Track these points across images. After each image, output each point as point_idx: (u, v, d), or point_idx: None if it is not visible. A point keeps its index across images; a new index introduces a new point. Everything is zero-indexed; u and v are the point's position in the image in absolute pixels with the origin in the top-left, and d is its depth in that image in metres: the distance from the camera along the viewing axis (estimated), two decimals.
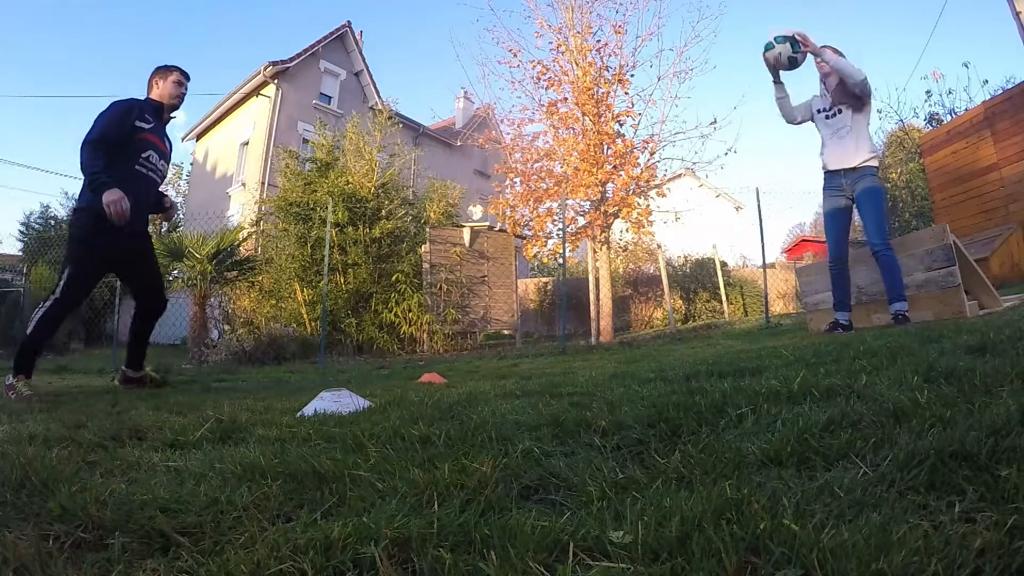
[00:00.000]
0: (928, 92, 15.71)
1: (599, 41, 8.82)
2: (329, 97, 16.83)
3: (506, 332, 9.97)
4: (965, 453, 0.81)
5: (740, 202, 19.65)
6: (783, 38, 3.40)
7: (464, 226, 9.32)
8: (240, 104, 16.41)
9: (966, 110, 9.05)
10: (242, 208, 13.22)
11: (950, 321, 2.88)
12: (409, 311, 8.57)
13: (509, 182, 9.42)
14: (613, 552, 0.67)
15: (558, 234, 8.61)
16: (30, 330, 2.88)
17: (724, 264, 12.04)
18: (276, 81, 15.25)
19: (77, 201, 2.96)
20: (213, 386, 3.46)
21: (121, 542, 0.76)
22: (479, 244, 9.29)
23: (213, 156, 18.23)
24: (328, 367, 5.77)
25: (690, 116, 56.70)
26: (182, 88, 3.18)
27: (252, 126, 15.76)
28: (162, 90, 3.14)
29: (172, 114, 3.24)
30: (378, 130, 10.02)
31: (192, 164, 20.64)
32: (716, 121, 8.63)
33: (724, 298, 11.16)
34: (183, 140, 19.73)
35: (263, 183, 13.30)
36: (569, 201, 8.57)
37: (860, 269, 3.70)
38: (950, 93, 14.57)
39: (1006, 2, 8.38)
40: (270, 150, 14.31)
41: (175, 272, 7.98)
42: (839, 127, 3.50)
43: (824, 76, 3.59)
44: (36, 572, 0.69)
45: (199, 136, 19.13)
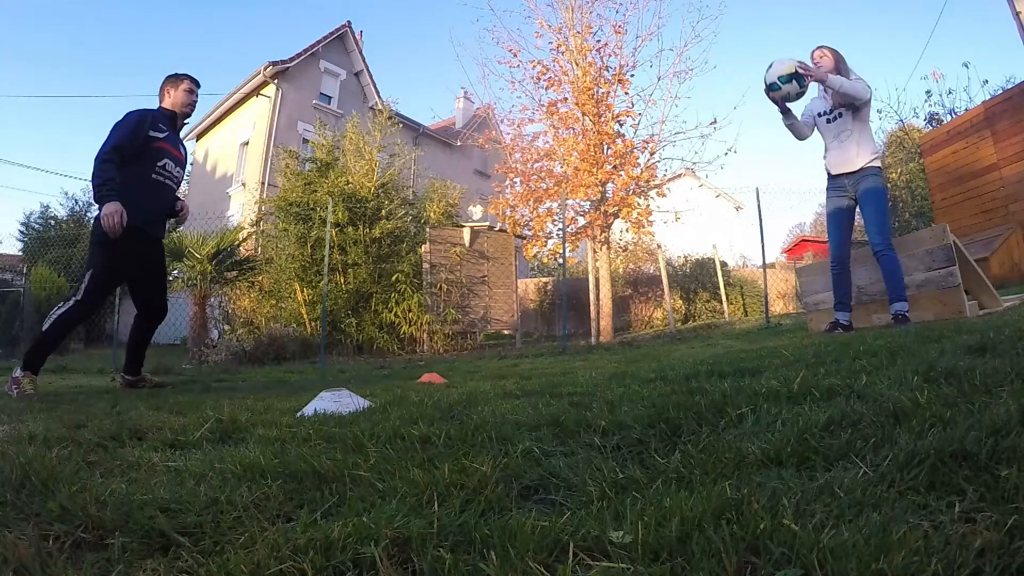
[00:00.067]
0: (928, 92, 15.76)
1: (599, 41, 8.84)
2: (329, 97, 16.83)
3: (506, 332, 9.97)
4: (965, 453, 0.81)
5: (740, 202, 19.66)
6: (788, 77, 3.32)
7: (464, 226, 9.32)
8: (240, 104, 16.41)
9: (966, 110, 9.05)
10: (242, 208, 13.20)
11: (950, 321, 2.89)
12: (409, 311, 8.57)
13: (509, 182, 9.42)
14: (613, 552, 0.67)
15: (558, 234, 8.62)
16: (47, 327, 2.91)
17: (724, 264, 12.04)
18: (276, 81, 15.24)
19: (99, 209, 3.01)
20: (213, 386, 3.46)
21: (121, 542, 0.76)
22: (479, 244, 9.29)
23: (213, 156, 18.23)
24: (328, 367, 5.77)
25: (690, 116, 56.93)
26: (193, 96, 3.25)
27: (252, 126, 15.76)
28: (174, 99, 3.20)
29: (185, 121, 3.30)
30: (378, 130, 10.02)
31: (192, 164, 20.60)
32: (716, 121, 8.66)
33: (724, 298, 11.16)
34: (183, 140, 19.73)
35: (263, 183, 13.28)
36: (569, 201, 8.58)
37: (860, 269, 3.70)
38: (950, 93, 14.60)
39: (1006, 2, 8.38)
40: (270, 150, 14.31)
41: (175, 272, 7.96)
42: (840, 130, 3.50)
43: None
44: (36, 572, 0.69)
45: (199, 136, 19.12)
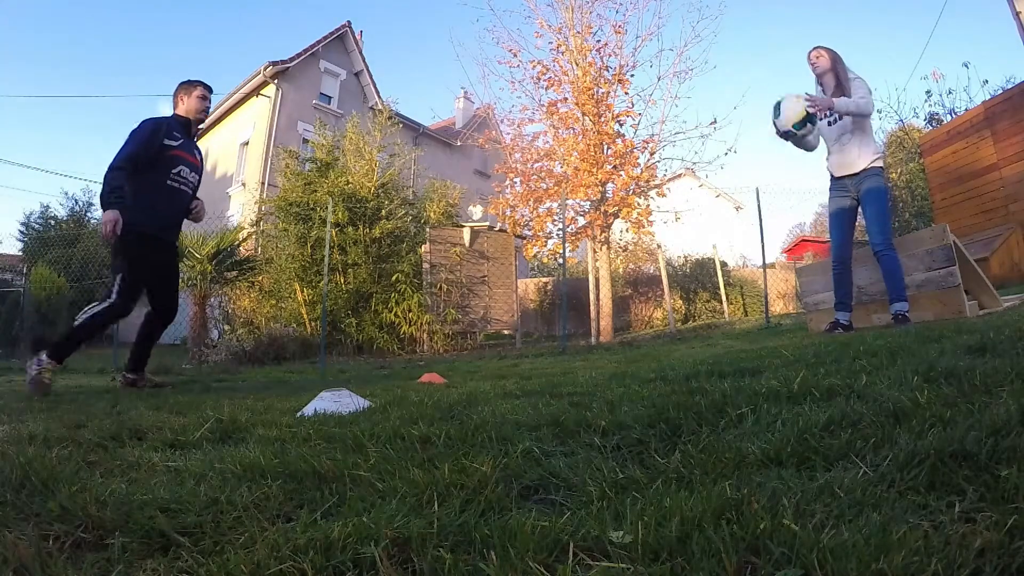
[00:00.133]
0: (928, 92, 15.74)
1: (599, 41, 8.84)
2: (329, 97, 16.83)
3: (506, 332, 9.97)
4: (965, 453, 0.81)
5: (740, 202, 19.65)
6: (802, 122, 3.36)
7: (464, 226, 9.32)
8: (240, 104, 16.41)
9: (966, 110, 9.04)
10: (242, 208, 13.19)
11: (950, 321, 2.88)
12: (409, 311, 8.57)
13: (509, 182, 9.42)
14: (613, 552, 0.67)
15: (558, 234, 8.62)
16: (79, 323, 2.97)
17: (724, 264, 12.03)
18: (276, 81, 15.24)
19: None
20: (213, 386, 3.46)
21: (121, 542, 0.76)
22: (479, 244, 9.29)
23: (213, 156, 18.20)
24: (328, 367, 5.77)
25: (690, 116, 56.95)
26: (206, 102, 3.32)
27: (252, 126, 15.76)
28: (187, 106, 3.26)
29: (199, 127, 3.37)
30: (378, 130, 10.02)
31: None
32: (716, 121, 8.66)
33: (724, 298, 11.15)
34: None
35: (263, 183, 13.27)
36: (569, 201, 8.58)
37: (861, 269, 3.69)
38: (950, 93, 14.58)
39: (1006, 2, 8.38)
40: (270, 150, 14.30)
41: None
42: (841, 133, 3.50)
43: (819, 77, 3.58)
44: (36, 572, 0.69)
45: (199, 136, 19.13)
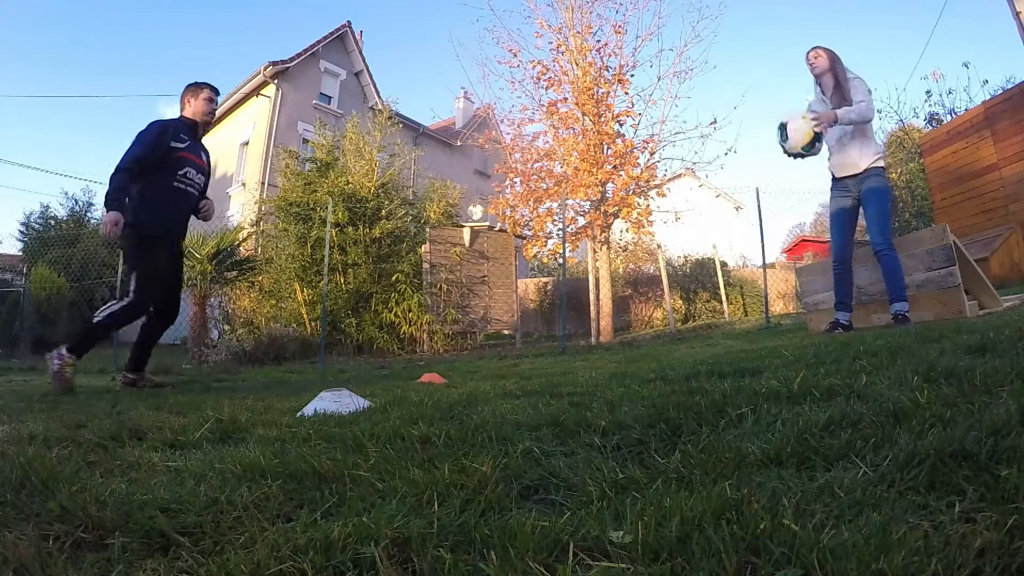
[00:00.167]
0: (928, 92, 15.71)
1: (599, 41, 8.84)
2: (329, 97, 16.83)
3: (506, 332, 9.97)
4: (965, 453, 0.81)
5: (740, 202, 19.65)
6: (810, 144, 3.39)
7: (464, 226, 9.32)
8: (240, 104, 16.40)
9: (966, 110, 9.04)
10: (242, 208, 13.19)
11: (950, 321, 2.88)
12: (409, 311, 8.57)
13: (509, 182, 9.42)
14: (613, 552, 0.67)
15: (558, 234, 8.62)
16: (99, 320, 3.01)
17: (724, 264, 12.03)
18: (276, 81, 15.24)
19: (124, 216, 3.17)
20: (213, 386, 3.46)
21: (121, 542, 0.76)
22: (479, 244, 9.29)
23: (213, 156, 17.84)
24: (328, 367, 5.77)
25: (690, 116, 56.93)
26: (213, 104, 3.35)
27: (252, 126, 15.76)
28: (194, 108, 3.29)
29: (207, 129, 3.40)
30: (378, 130, 10.02)
31: None
32: (716, 121, 8.66)
33: (724, 298, 11.15)
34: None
35: (263, 183, 13.27)
36: (569, 201, 8.58)
37: (861, 269, 3.69)
38: (950, 93, 14.55)
39: (1006, 2, 8.38)
40: (270, 150, 14.30)
41: None
42: (842, 134, 3.49)
43: (818, 77, 3.57)
44: (36, 572, 0.69)
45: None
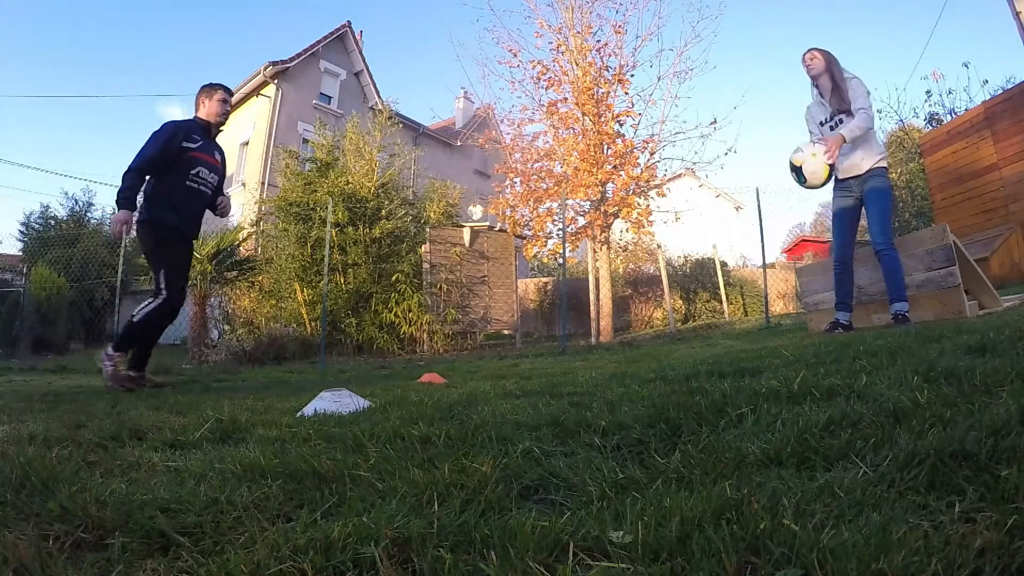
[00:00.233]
0: (928, 92, 15.72)
1: (599, 41, 8.84)
2: (329, 97, 16.83)
3: (506, 332, 9.97)
4: (965, 453, 0.81)
5: (740, 202, 19.65)
6: (827, 178, 3.39)
7: (464, 226, 9.32)
8: (240, 104, 16.35)
9: (966, 110, 9.04)
10: (242, 208, 13.18)
11: (950, 321, 2.88)
12: (409, 311, 8.57)
13: (509, 182, 9.42)
14: (613, 552, 0.67)
15: (558, 234, 8.62)
16: (137, 318, 3.10)
17: (724, 264, 12.03)
18: (276, 81, 15.25)
19: (139, 215, 3.21)
20: (213, 386, 3.46)
21: (121, 542, 0.76)
22: (479, 244, 9.29)
23: None
24: (328, 367, 5.77)
25: (690, 116, 56.97)
26: (227, 106, 3.40)
27: (252, 126, 15.76)
28: (208, 109, 3.34)
29: (220, 129, 3.45)
30: (378, 130, 10.02)
31: None
32: (716, 121, 8.66)
33: (724, 298, 11.15)
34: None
35: (263, 183, 13.28)
36: (569, 201, 8.58)
37: (861, 269, 3.69)
38: (950, 93, 14.56)
39: (1006, 2, 8.38)
40: (270, 150, 14.31)
41: None
42: None
43: (815, 79, 3.56)
44: (36, 572, 0.69)
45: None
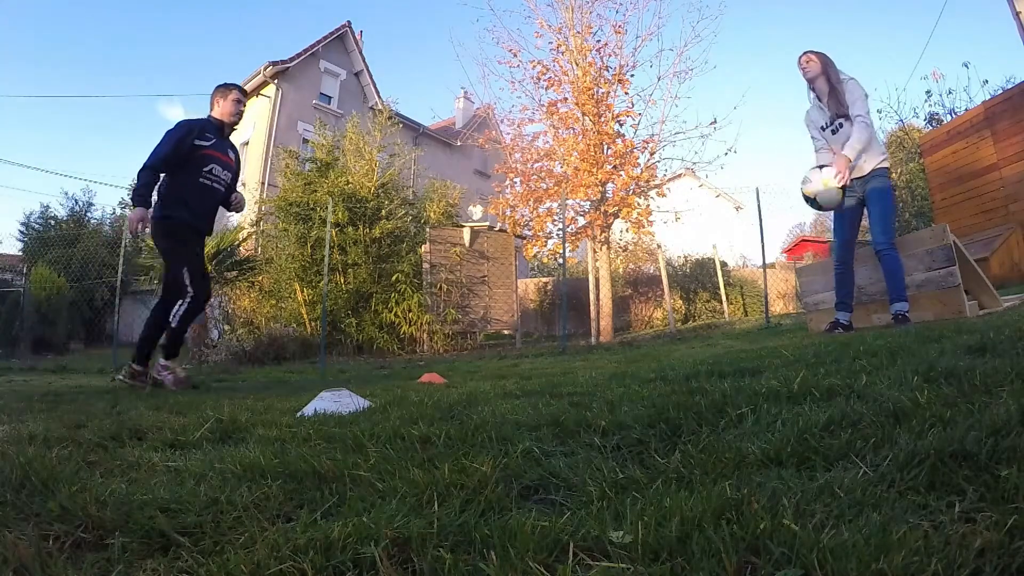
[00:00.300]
0: (928, 92, 15.74)
1: (599, 41, 8.84)
2: (329, 97, 16.83)
3: (506, 332, 9.97)
4: (965, 453, 0.81)
5: (740, 202, 19.65)
6: (842, 200, 3.40)
7: (464, 226, 9.32)
8: None
9: (966, 110, 9.04)
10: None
11: (950, 321, 2.88)
12: (409, 311, 8.57)
13: (509, 182, 9.43)
14: (613, 552, 0.67)
15: (558, 234, 8.62)
16: (175, 324, 3.20)
17: (724, 264, 12.03)
18: (276, 81, 15.24)
19: (153, 212, 3.23)
20: (213, 386, 3.46)
21: (121, 542, 0.76)
22: (479, 244, 9.29)
23: None
24: (328, 367, 5.77)
25: (690, 116, 56.95)
26: (241, 106, 3.46)
27: (252, 126, 15.75)
28: (222, 108, 3.40)
29: (234, 129, 3.51)
30: (378, 130, 10.03)
31: None
32: (716, 121, 8.67)
33: (724, 298, 11.15)
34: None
35: (263, 183, 13.29)
36: (569, 201, 8.58)
37: (861, 269, 3.69)
38: (950, 93, 14.57)
39: (1006, 2, 8.38)
40: (270, 150, 14.31)
41: None
42: (844, 139, 3.45)
43: (811, 82, 3.55)
44: (36, 572, 0.69)
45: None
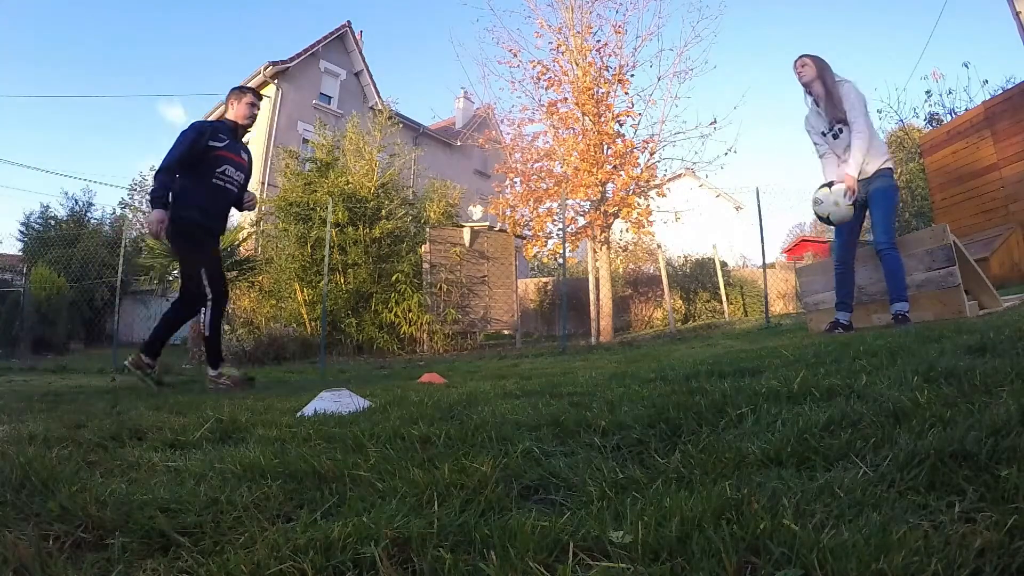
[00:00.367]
0: (928, 92, 15.75)
1: (599, 41, 8.85)
2: (329, 97, 16.83)
3: (506, 332, 9.97)
4: (965, 453, 0.81)
5: (740, 202, 19.65)
6: (852, 211, 3.41)
7: (464, 226, 9.32)
8: None
9: (966, 110, 9.04)
10: None
11: (950, 321, 2.88)
12: (409, 311, 8.57)
13: (509, 182, 9.43)
14: (613, 552, 0.67)
15: (558, 234, 8.62)
16: (209, 332, 3.29)
17: (724, 264, 12.03)
18: (276, 81, 15.24)
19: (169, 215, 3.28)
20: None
21: (121, 542, 0.76)
22: (479, 244, 9.29)
23: None
24: (328, 367, 5.77)
25: (690, 116, 56.94)
26: (255, 109, 3.49)
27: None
28: (237, 111, 3.44)
29: (248, 131, 3.54)
30: (378, 130, 10.03)
31: None
32: (716, 121, 8.67)
33: (724, 298, 11.15)
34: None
35: (263, 183, 13.28)
36: (569, 201, 8.58)
37: (861, 269, 3.69)
38: (950, 93, 14.59)
39: (1006, 2, 8.38)
40: (270, 150, 14.30)
41: (175, 272, 7.98)
42: (846, 144, 3.45)
43: (807, 86, 3.54)
44: (36, 572, 0.69)
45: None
